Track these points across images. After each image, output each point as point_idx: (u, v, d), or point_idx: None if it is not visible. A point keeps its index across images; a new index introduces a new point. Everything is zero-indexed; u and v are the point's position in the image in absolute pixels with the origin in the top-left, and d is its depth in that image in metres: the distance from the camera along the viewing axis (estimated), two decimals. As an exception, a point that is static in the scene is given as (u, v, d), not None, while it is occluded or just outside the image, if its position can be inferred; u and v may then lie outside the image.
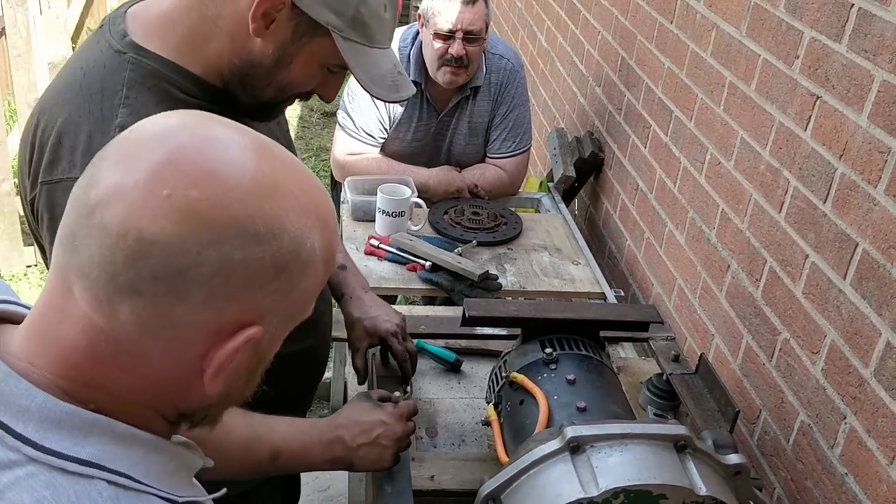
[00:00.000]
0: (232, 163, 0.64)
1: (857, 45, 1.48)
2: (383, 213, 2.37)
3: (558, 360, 1.47)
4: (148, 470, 0.67)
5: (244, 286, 0.64)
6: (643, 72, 2.50)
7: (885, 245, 1.39)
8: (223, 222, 0.62)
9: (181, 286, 0.62)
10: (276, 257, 0.64)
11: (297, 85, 1.22)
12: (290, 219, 0.65)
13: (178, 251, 0.61)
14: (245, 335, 0.65)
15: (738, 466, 1.21)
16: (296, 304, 0.69)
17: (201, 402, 0.71)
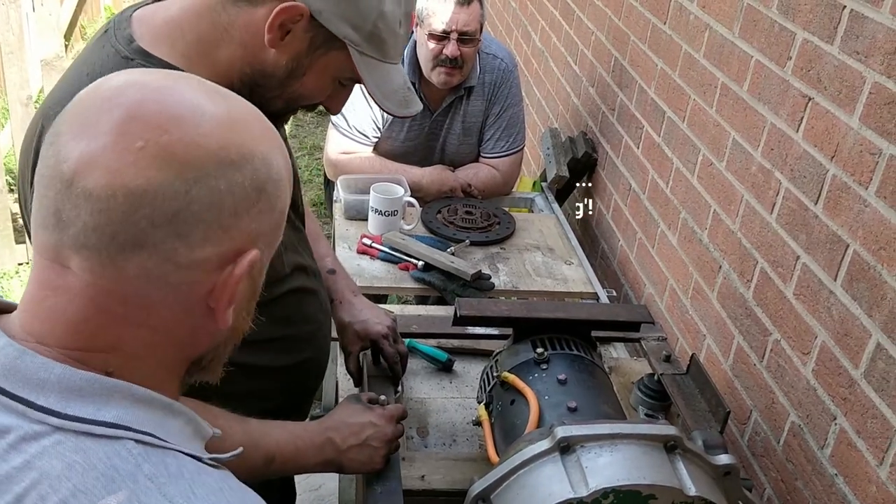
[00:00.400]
0: (190, 104, 0.67)
1: (849, 47, 1.49)
2: (376, 212, 2.37)
3: (549, 359, 1.47)
4: (168, 432, 0.68)
5: (234, 213, 0.67)
6: (636, 72, 2.50)
7: (876, 246, 1.39)
8: (202, 158, 0.65)
9: (179, 227, 0.65)
10: (254, 179, 0.68)
11: (307, 97, 1.21)
12: (255, 143, 0.70)
13: (169, 195, 0.63)
14: (248, 259, 0.69)
15: (727, 467, 1.21)
16: (277, 224, 0.73)
17: (210, 343, 0.74)
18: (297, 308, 1.38)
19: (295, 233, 1.42)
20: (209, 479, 0.67)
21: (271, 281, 1.29)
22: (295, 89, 1.18)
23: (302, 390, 1.50)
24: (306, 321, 1.41)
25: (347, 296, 1.63)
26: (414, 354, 1.88)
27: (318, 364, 1.47)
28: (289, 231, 1.38)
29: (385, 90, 1.21)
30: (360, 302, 1.64)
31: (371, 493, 1.36)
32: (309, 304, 1.42)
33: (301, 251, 1.42)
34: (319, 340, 1.46)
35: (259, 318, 1.30)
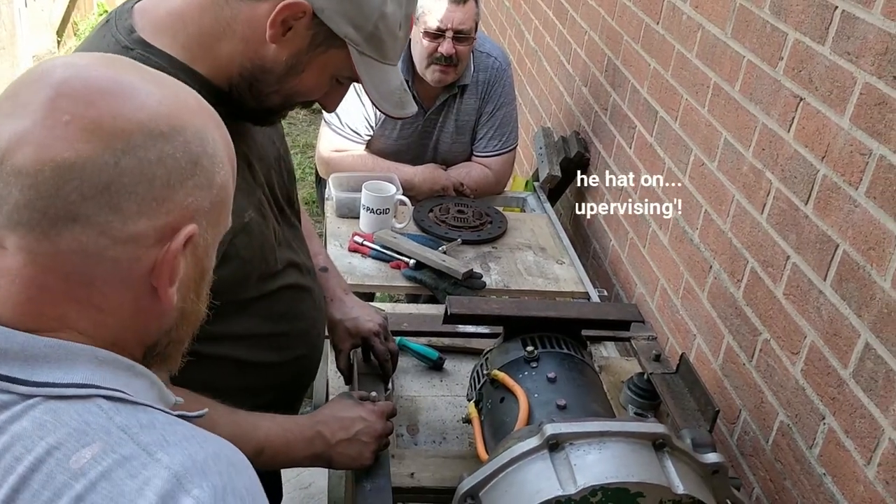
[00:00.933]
0: (118, 80, 0.68)
1: (841, 48, 1.49)
2: (368, 210, 2.37)
3: (539, 358, 1.47)
4: (136, 391, 0.69)
5: (167, 186, 0.67)
6: (629, 72, 2.50)
7: (866, 247, 1.40)
8: (130, 129, 0.66)
9: (111, 199, 0.65)
10: (186, 151, 0.69)
11: (304, 93, 1.22)
12: (186, 116, 0.70)
13: (97, 167, 0.64)
14: (184, 232, 0.69)
15: (716, 465, 1.21)
16: (217, 202, 0.73)
17: (160, 327, 0.73)
18: (290, 305, 1.38)
19: (290, 229, 1.42)
20: (180, 427, 0.67)
21: (265, 276, 1.30)
22: (293, 85, 1.19)
23: (294, 387, 1.50)
24: (300, 318, 1.41)
25: (339, 294, 1.64)
26: (405, 352, 1.88)
27: (311, 361, 1.47)
28: (284, 228, 1.38)
29: (382, 91, 1.22)
30: (351, 300, 1.65)
31: (360, 490, 1.36)
32: (303, 301, 1.42)
33: (296, 248, 1.42)
34: (313, 338, 1.46)
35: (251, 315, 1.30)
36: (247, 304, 1.30)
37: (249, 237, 1.24)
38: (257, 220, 1.27)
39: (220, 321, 1.26)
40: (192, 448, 0.65)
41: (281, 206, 1.39)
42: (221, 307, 1.25)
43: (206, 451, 0.66)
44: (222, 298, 1.24)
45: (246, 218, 1.23)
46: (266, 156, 1.35)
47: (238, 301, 1.28)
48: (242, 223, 1.22)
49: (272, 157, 1.37)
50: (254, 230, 1.25)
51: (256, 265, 1.27)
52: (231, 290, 1.24)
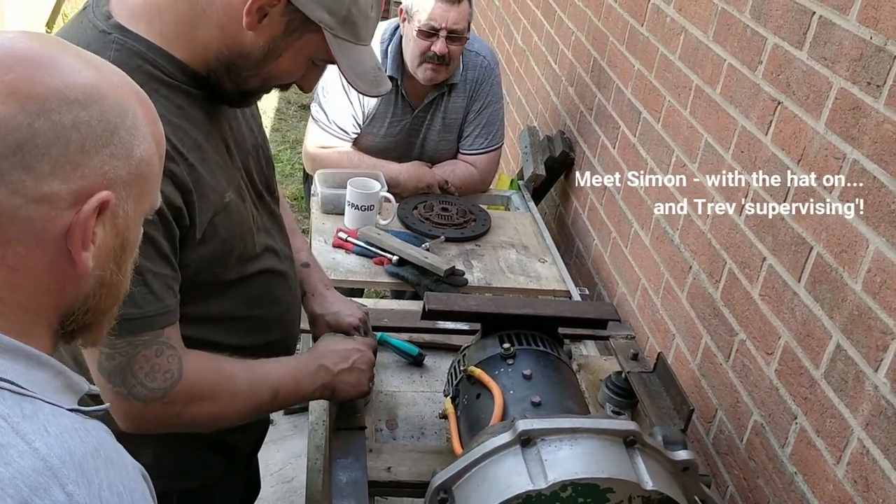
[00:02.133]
0: (46, 50, 0.71)
1: (817, 53, 1.51)
2: (352, 207, 2.38)
3: (516, 355, 1.48)
4: (32, 382, 0.69)
5: (81, 150, 0.69)
6: (614, 73, 2.52)
7: (838, 249, 1.42)
8: (45, 94, 0.68)
9: (24, 159, 0.67)
10: (102, 119, 0.71)
11: (282, 77, 1.25)
12: (106, 88, 0.72)
13: (11, 127, 0.66)
14: (96, 197, 0.70)
15: (686, 462, 1.23)
16: (137, 174, 0.74)
17: (77, 292, 0.74)
18: (266, 289, 1.41)
19: (269, 216, 1.45)
20: (65, 420, 0.67)
21: (243, 258, 1.32)
22: (270, 69, 1.22)
23: None
24: (275, 303, 1.44)
25: (320, 289, 1.67)
26: (385, 348, 1.90)
27: (286, 346, 1.50)
28: (262, 213, 1.41)
29: (358, 71, 1.25)
30: (332, 295, 1.68)
31: (337, 483, 1.37)
32: (278, 286, 1.44)
33: (273, 234, 1.45)
34: (288, 323, 1.49)
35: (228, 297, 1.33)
36: (225, 287, 1.33)
37: (229, 217, 1.27)
38: (236, 202, 1.29)
39: (198, 303, 1.29)
40: (73, 441, 0.65)
41: (259, 192, 1.42)
42: (200, 289, 1.28)
43: (86, 445, 0.66)
44: (202, 277, 1.27)
45: (226, 198, 1.26)
46: (243, 143, 1.37)
47: (216, 282, 1.30)
48: (223, 203, 1.25)
49: (250, 144, 1.40)
50: (233, 211, 1.28)
51: (235, 245, 1.30)
52: (210, 268, 1.27)
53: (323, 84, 2.64)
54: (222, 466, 1.47)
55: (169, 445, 1.37)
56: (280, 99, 5.83)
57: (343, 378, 1.46)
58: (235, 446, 1.50)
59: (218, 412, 1.29)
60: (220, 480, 1.48)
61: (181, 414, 1.23)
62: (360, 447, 1.45)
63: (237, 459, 1.53)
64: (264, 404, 1.35)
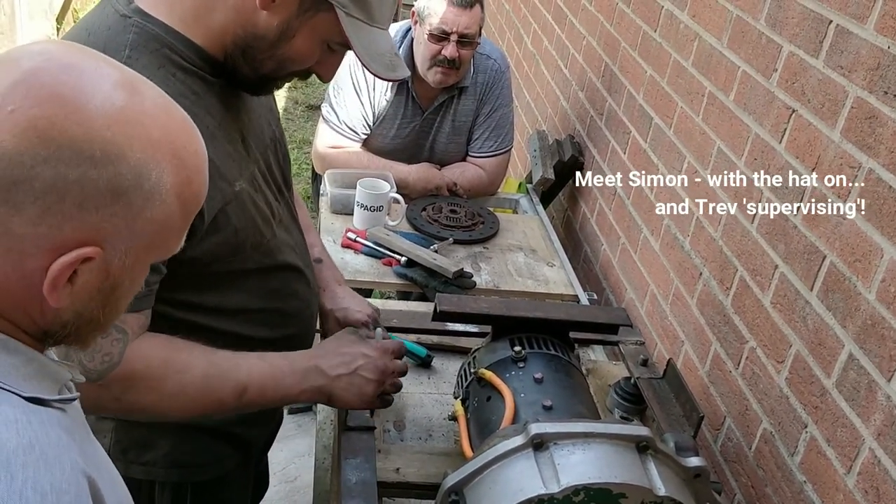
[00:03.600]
0: (82, 90, 0.67)
1: (834, 62, 1.51)
2: (361, 207, 2.38)
3: (527, 358, 1.48)
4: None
5: (79, 206, 0.67)
6: (626, 78, 2.52)
7: (852, 258, 1.42)
8: (60, 142, 0.65)
9: (15, 197, 0.65)
10: (112, 182, 0.68)
11: (297, 60, 1.25)
12: (133, 148, 0.69)
13: (13, 163, 0.64)
14: (77, 253, 0.68)
15: (697, 469, 1.23)
16: (145, 233, 0.72)
17: (55, 318, 0.73)
18: (285, 283, 1.41)
19: (287, 211, 1.46)
20: (10, 410, 0.66)
21: (260, 248, 1.32)
22: (285, 51, 1.22)
23: None
24: (294, 297, 1.44)
25: (332, 285, 1.66)
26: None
27: (304, 341, 1.49)
28: (282, 207, 1.42)
29: (371, 52, 1.24)
30: (344, 291, 1.67)
31: (345, 484, 1.37)
32: (298, 280, 1.44)
33: (291, 230, 1.45)
34: (306, 318, 1.49)
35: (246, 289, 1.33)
36: (243, 278, 1.32)
37: (240, 207, 1.26)
38: (249, 192, 1.29)
39: (215, 294, 1.29)
40: (7, 433, 0.64)
41: (279, 185, 1.42)
42: (217, 279, 1.28)
43: (21, 439, 0.65)
44: (218, 268, 1.26)
45: (237, 187, 1.25)
46: (261, 136, 1.37)
47: (234, 273, 1.30)
48: (233, 192, 1.25)
49: (268, 137, 1.40)
50: (245, 201, 1.27)
51: (249, 234, 1.29)
52: (225, 258, 1.27)
53: (335, 84, 2.64)
54: (236, 460, 1.47)
55: (185, 437, 1.37)
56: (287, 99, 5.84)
57: (342, 385, 1.36)
58: (249, 440, 1.49)
59: (161, 404, 1.22)
60: (234, 473, 1.48)
61: (119, 399, 1.19)
62: (369, 447, 1.45)
63: (251, 454, 1.53)
64: (225, 402, 1.26)
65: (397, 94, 2.59)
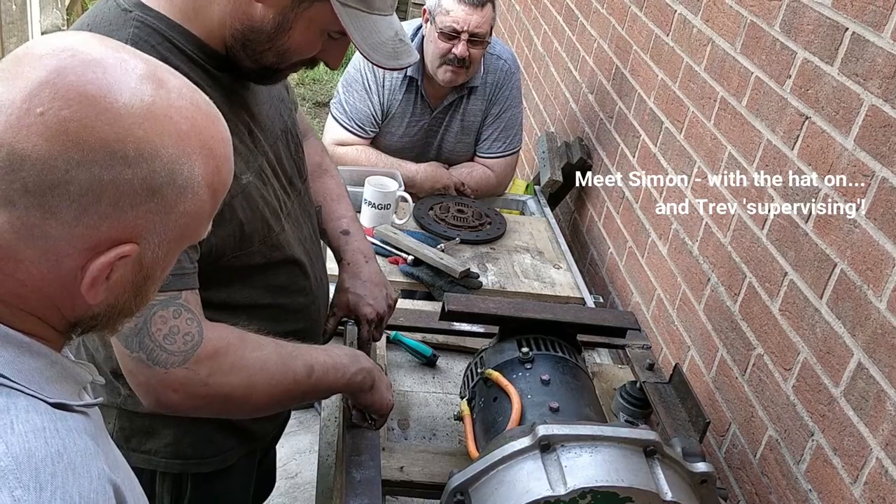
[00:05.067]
0: (109, 88, 0.66)
1: (849, 69, 1.50)
2: (369, 205, 2.37)
3: (534, 359, 1.48)
4: (19, 370, 0.68)
5: (115, 206, 0.67)
6: (636, 82, 2.51)
7: (864, 267, 1.41)
8: (92, 144, 0.65)
9: (51, 201, 0.65)
10: (146, 180, 0.67)
11: (297, 51, 1.23)
12: (165, 144, 0.68)
13: (48, 168, 0.64)
14: (116, 252, 0.68)
15: (704, 474, 1.22)
16: (178, 225, 0.72)
17: (86, 311, 0.72)
18: (291, 279, 1.39)
19: (299, 204, 1.43)
20: (38, 418, 0.66)
21: (268, 242, 1.31)
22: (283, 43, 1.20)
23: None
24: (300, 293, 1.42)
25: (358, 259, 1.61)
26: (399, 348, 1.89)
27: (310, 335, 1.45)
28: (293, 202, 1.40)
29: (371, 42, 1.21)
30: (368, 271, 1.60)
31: (350, 482, 1.36)
32: (305, 276, 1.43)
33: (302, 223, 1.43)
34: (312, 313, 1.47)
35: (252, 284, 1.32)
36: (250, 273, 1.31)
37: (247, 200, 1.25)
38: (256, 185, 1.27)
39: (220, 288, 1.27)
40: (36, 443, 0.64)
41: (290, 178, 1.40)
42: (224, 274, 1.26)
43: (49, 448, 0.64)
44: (225, 262, 1.25)
45: (243, 181, 1.24)
46: (271, 128, 1.36)
47: (241, 268, 1.29)
48: (240, 185, 1.23)
49: (279, 129, 1.38)
50: (252, 194, 1.26)
51: (257, 227, 1.27)
52: (232, 252, 1.26)
53: (344, 80, 2.64)
54: (239, 453, 1.46)
55: (188, 428, 1.36)
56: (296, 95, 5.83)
57: (378, 375, 1.40)
58: (255, 433, 1.48)
59: (250, 384, 1.19)
60: (236, 467, 1.47)
61: (207, 384, 1.15)
62: (374, 446, 1.44)
63: (255, 447, 1.52)
64: (300, 382, 1.25)
65: (406, 92, 2.58)
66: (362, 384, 1.37)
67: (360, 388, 1.37)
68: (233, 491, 1.52)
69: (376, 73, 2.56)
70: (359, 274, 1.58)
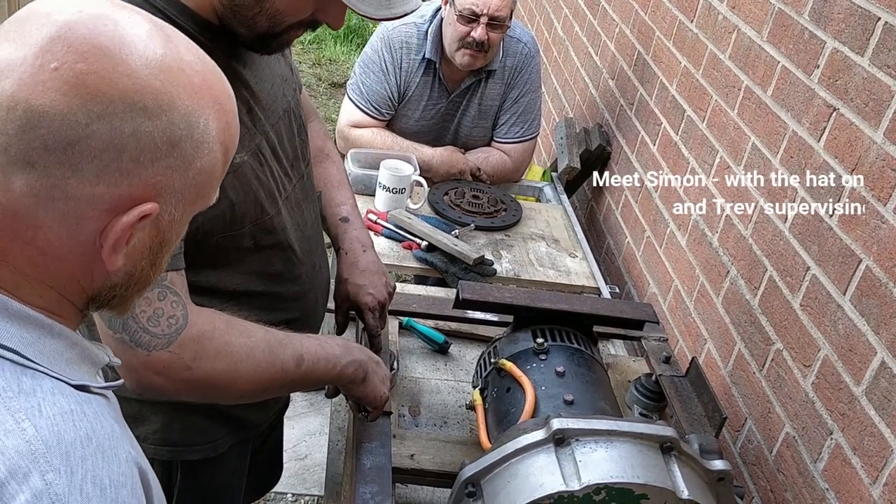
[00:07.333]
0: (122, 40, 0.65)
1: (880, 60, 1.46)
2: (384, 189, 2.35)
3: (549, 350, 1.45)
4: (41, 351, 0.67)
5: (136, 160, 0.65)
6: (659, 68, 2.47)
7: (890, 264, 1.37)
8: (112, 96, 0.63)
9: (72, 158, 0.63)
10: (166, 132, 0.66)
11: (289, 12, 1.16)
12: (181, 96, 0.67)
13: (67, 123, 0.62)
14: (139, 210, 0.66)
15: (721, 472, 1.20)
16: (194, 184, 0.70)
17: (105, 281, 0.71)
18: (286, 266, 1.35)
19: (300, 187, 1.39)
20: (64, 401, 0.65)
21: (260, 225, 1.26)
22: (273, 5, 1.14)
23: None
24: (294, 281, 1.37)
25: (356, 248, 1.57)
26: (411, 334, 1.87)
27: (307, 325, 1.42)
28: (294, 185, 1.36)
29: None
30: (366, 260, 1.57)
31: (360, 468, 1.35)
32: (301, 263, 1.38)
33: (303, 208, 1.39)
34: (308, 302, 1.42)
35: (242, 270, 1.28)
36: (240, 257, 1.27)
37: (240, 180, 1.21)
38: (251, 165, 1.23)
39: (210, 272, 1.23)
40: (64, 426, 0.63)
41: (290, 161, 1.35)
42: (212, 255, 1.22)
43: (78, 431, 0.63)
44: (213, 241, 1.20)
45: (236, 160, 1.19)
46: (272, 107, 1.30)
47: (230, 249, 1.25)
48: (232, 165, 1.18)
49: (281, 109, 1.33)
50: (246, 173, 1.22)
51: (249, 210, 1.23)
52: (222, 231, 1.21)
53: (361, 61, 2.61)
54: (230, 441, 1.43)
55: (176, 415, 1.33)
56: (311, 76, 5.81)
57: (373, 367, 1.34)
58: (246, 422, 1.44)
59: (235, 371, 1.16)
60: (227, 455, 1.44)
61: (191, 368, 1.12)
62: (385, 433, 1.42)
63: (247, 436, 1.48)
64: (288, 371, 1.21)
65: (424, 74, 2.55)
66: (354, 376, 1.32)
67: (352, 381, 1.33)
68: (224, 479, 1.48)
69: (393, 54, 2.53)
70: (356, 263, 1.55)
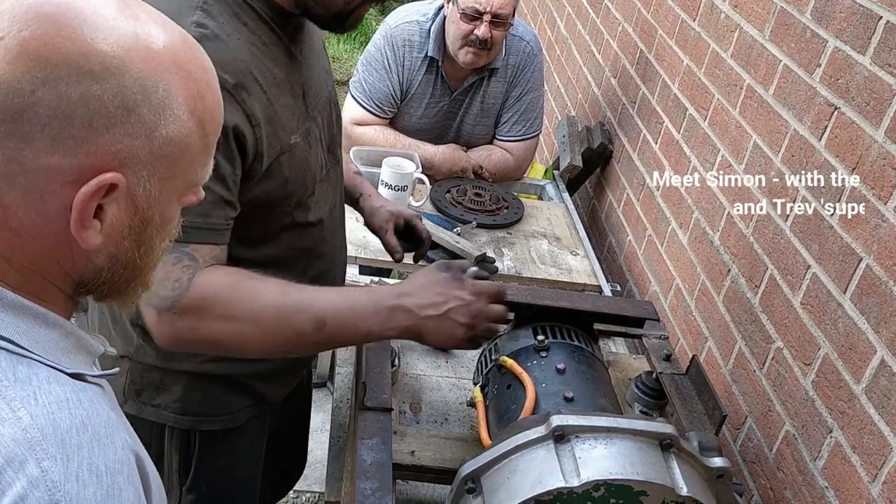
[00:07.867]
0: (69, 7, 0.64)
1: (882, 59, 1.46)
2: (386, 186, 2.35)
3: (550, 348, 1.46)
4: (36, 340, 0.67)
5: (88, 126, 0.64)
6: (661, 67, 2.47)
7: (890, 263, 1.38)
8: (55, 61, 0.62)
9: (22, 128, 0.62)
10: (118, 96, 0.64)
11: None
12: (133, 59, 0.65)
13: (12, 91, 0.61)
14: (99, 179, 0.65)
15: (721, 470, 1.20)
16: (163, 154, 0.68)
17: (88, 264, 0.70)
18: (315, 242, 1.41)
19: (335, 171, 1.47)
20: (60, 389, 0.65)
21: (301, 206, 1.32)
22: None
23: None
24: (321, 257, 1.44)
25: (374, 192, 1.74)
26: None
27: None
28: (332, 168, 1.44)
29: None
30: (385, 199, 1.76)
31: (361, 464, 1.35)
32: (328, 242, 1.45)
33: (337, 190, 1.48)
34: (329, 281, 1.47)
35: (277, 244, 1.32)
36: (280, 232, 1.33)
37: (294, 159, 1.28)
38: (303, 147, 1.30)
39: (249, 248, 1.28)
40: (60, 414, 0.63)
41: (330, 146, 1.43)
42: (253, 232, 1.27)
43: (74, 418, 0.63)
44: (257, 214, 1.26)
45: (293, 140, 1.27)
46: (319, 94, 1.39)
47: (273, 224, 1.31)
48: (290, 144, 1.26)
49: (324, 97, 1.41)
50: (298, 154, 1.29)
51: (297, 188, 1.30)
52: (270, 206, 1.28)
53: (364, 59, 2.61)
54: (249, 413, 1.46)
55: (196, 385, 1.38)
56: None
57: (430, 325, 1.28)
58: (264, 395, 1.48)
59: (240, 333, 1.19)
60: (246, 426, 1.48)
61: (195, 329, 1.17)
62: (385, 429, 1.43)
63: (265, 410, 1.52)
64: (305, 335, 1.22)
65: (426, 72, 2.55)
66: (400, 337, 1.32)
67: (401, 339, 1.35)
68: (242, 451, 1.53)
69: (396, 52, 2.54)
70: (381, 197, 1.72)
